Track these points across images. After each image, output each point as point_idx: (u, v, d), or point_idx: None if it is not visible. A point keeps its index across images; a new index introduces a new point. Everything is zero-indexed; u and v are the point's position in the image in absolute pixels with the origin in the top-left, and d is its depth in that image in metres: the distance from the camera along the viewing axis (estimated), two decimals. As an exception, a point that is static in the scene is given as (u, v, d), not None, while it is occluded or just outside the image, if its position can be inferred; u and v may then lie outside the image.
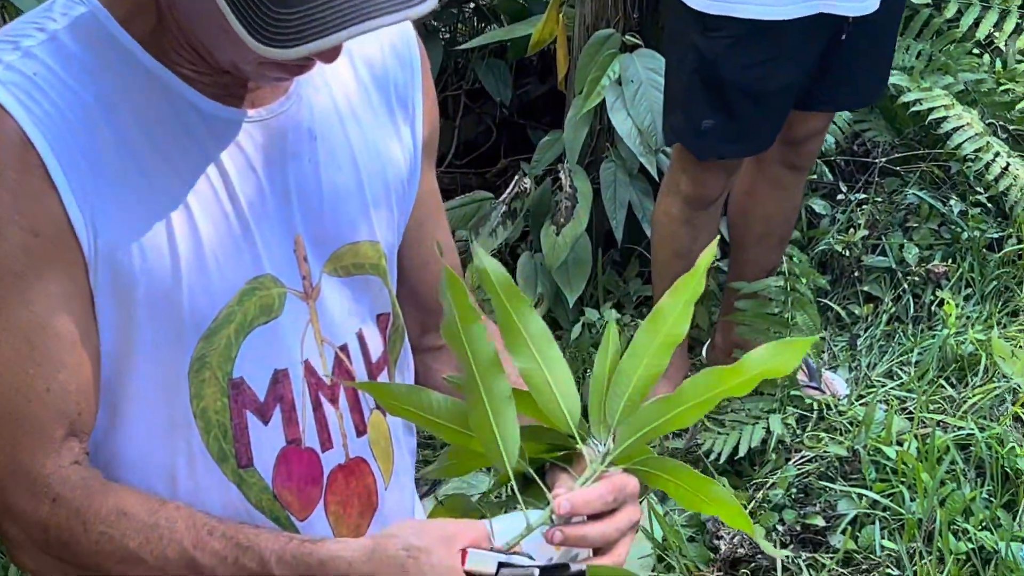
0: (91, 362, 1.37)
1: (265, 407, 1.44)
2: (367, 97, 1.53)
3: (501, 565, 1.31)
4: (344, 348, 1.51)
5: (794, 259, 3.55)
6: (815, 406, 3.45)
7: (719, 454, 3.27)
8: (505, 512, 1.41)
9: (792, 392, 3.41)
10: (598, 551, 1.39)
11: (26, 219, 1.31)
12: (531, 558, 1.34)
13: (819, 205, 4.13)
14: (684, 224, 3.37)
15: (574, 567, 1.34)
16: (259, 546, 1.36)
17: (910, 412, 3.48)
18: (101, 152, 1.34)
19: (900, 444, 3.30)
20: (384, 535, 1.36)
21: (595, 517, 1.37)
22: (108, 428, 1.42)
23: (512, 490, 1.40)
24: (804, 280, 3.46)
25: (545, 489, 1.38)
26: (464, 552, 1.32)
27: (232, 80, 1.40)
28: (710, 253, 1.39)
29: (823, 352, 3.73)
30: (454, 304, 1.35)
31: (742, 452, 3.27)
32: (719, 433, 3.33)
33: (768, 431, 3.30)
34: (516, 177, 3.71)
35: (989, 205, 4.15)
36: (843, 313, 3.89)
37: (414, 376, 1.66)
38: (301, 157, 1.46)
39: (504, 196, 3.67)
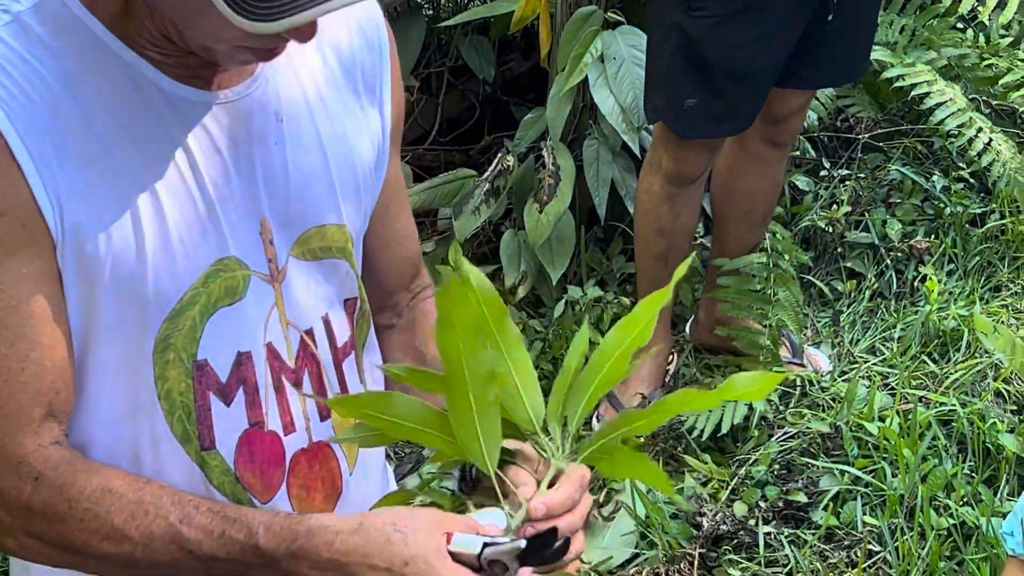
0: (65, 341, 1.37)
1: (228, 389, 1.44)
2: (334, 82, 1.53)
3: (486, 545, 1.34)
4: (310, 332, 1.51)
5: (777, 235, 3.55)
6: (797, 382, 3.46)
7: (702, 431, 3.28)
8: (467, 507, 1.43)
9: (775, 369, 3.42)
10: None
11: None
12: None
13: (802, 181, 4.13)
14: (666, 201, 3.36)
15: (559, 541, 1.36)
16: (246, 517, 1.36)
17: (892, 388, 3.49)
18: (66, 133, 1.33)
19: (882, 420, 3.32)
20: (372, 513, 1.38)
21: None
22: (74, 410, 1.42)
23: (471, 485, 1.45)
24: (786, 256, 3.47)
25: (514, 491, 1.40)
26: (449, 535, 1.34)
27: (198, 62, 1.39)
28: (684, 266, 1.43)
29: (806, 328, 3.74)
30: (455, 320, 1.34)
31: (724, 429, 3.28)
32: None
33: (751, 408, 3.31)
34: (499, 155, 3.70)
35: (972, 180, 4.15)
36: (826, 289, 3.89)
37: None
38: (267, 139, 1.45)
39: (487, 174, 3.66)
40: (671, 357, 3.60)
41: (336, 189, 1.52)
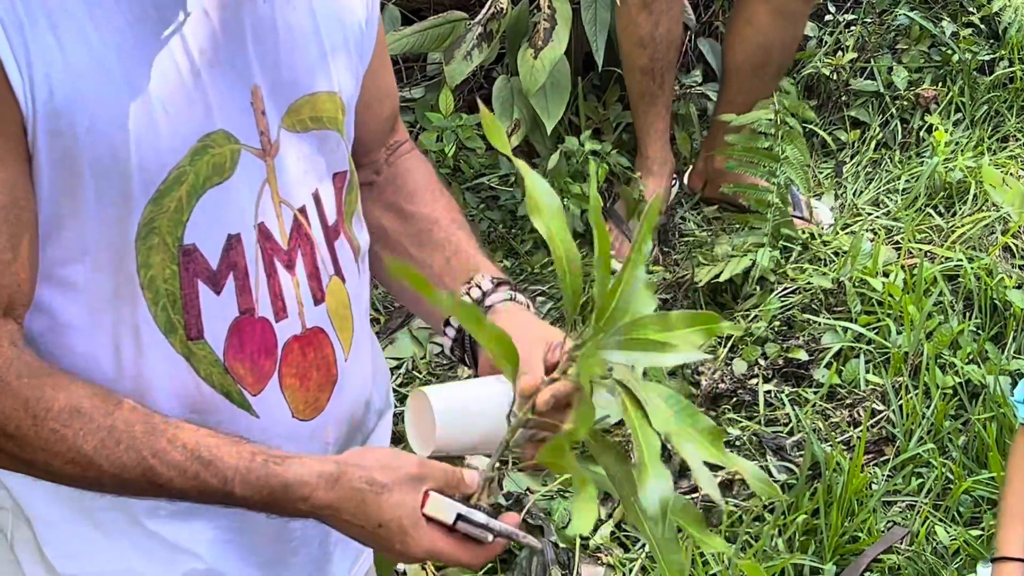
0: (30, 230, 1.25)
1: (218, 276, 1.33)
2: None
3: (459, 517, 1.33)
4: (303, 210, 1.40)
5: (783, 89, 3.41)
6: (799, 236, 3.36)
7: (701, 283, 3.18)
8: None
9: (783, 230, 3.29)
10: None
11: None
12: (488, 514, 1.35)
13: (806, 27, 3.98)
14: (643, 9, 3.28)
15: (525, 539, 1.37)
16: (222, 461, 1.29)
17: (897, 242, 3.39)
18: None
19: (886, 275, 3.23)
20: (351, 463, 1.32)
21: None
22: (51, 296, 1.30)
23: None
24: (793, 113, 3.32)
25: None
26: (426, 494, 1.33)
27: None
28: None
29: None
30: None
31: (725, 277, 3.17)
32: (707, 266, 3.24)
33: (754, 263, 3.20)
34: (491, -4, 3.53)
35: (981, 26, 4.01)
36: (829, 139, 3.78)
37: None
38: None
39: (479, 17, 3.49)
40: (674, 180, 3.52)
41: (327, 52, 1.40)
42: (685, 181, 3.63)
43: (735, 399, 3.02)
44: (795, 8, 3.28)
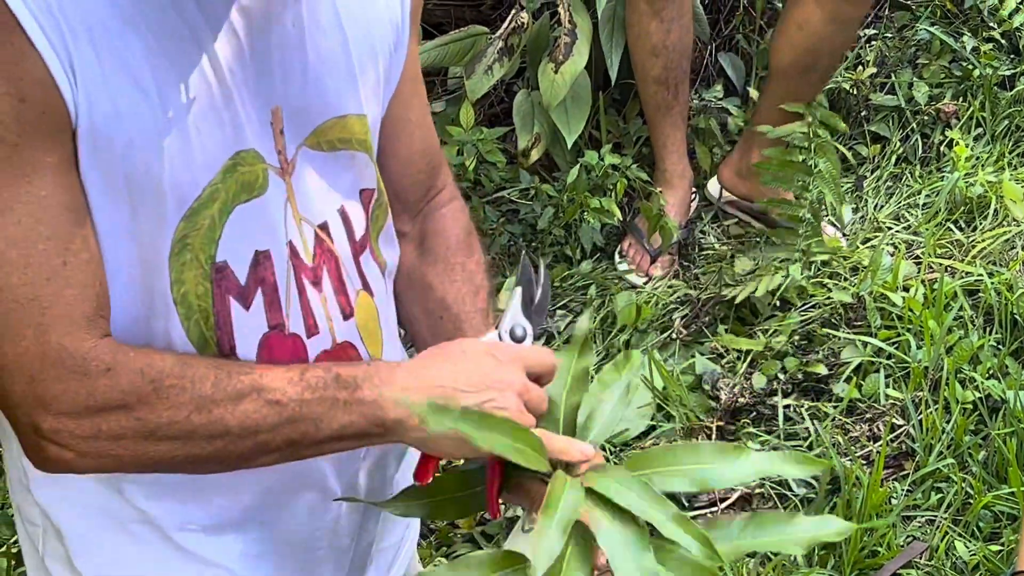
0: (94, 232, 1.27)
1: (246, 291, 1.35)
2: None
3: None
4: (324, 227, 1.42)
5: (817, 102, 3.41)
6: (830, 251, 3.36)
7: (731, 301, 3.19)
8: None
9: (816, 244, 3.29)
10: None
11: (11, 84, 1.18)
12: None
13: (827, 41, 3.98)
14: (654, 17, 3.31)
15: None
16: (319, 363, 1.35)
17: (917, 257, 3.39)
18: (77, 9, 1.20)
19: (906, 290, 3.23)
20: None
21: None
22: None
23: None
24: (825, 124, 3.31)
25: None
26: None
27: None
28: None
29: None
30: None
31: (760, 293, 3.17)
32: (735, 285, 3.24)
33: (786, 277, 3.20)
34: (512, 11, 3.54)
35: (1002, 41, 4.01)
36: (849, 154, 3.77)
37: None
38: (284, 20, 1.33)
39: (500, 31, 3.50)
40: (693, 193, 3.53)
41: (356, 75, 1.41)
42: (710, 189, 3.63)
43: (754, 413, 3.02)
44: (849, 14, 3.24)
